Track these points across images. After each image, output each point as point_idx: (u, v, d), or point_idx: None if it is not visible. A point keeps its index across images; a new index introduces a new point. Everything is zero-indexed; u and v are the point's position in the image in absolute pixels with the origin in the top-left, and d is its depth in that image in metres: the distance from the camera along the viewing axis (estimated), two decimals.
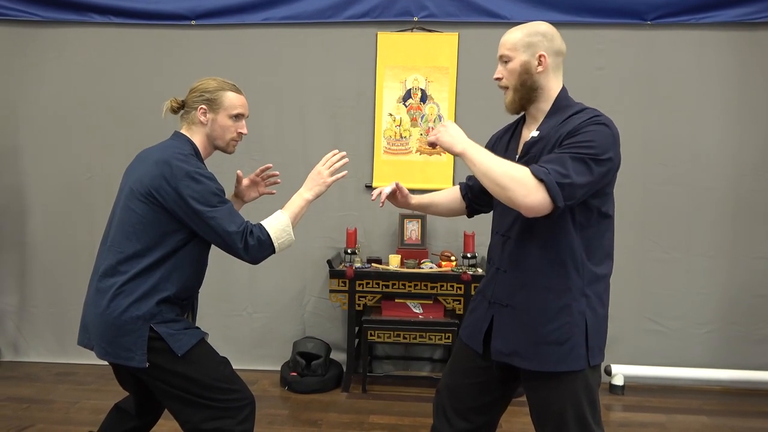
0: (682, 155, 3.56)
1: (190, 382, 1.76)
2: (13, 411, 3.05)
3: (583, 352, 1.58)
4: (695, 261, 3.58)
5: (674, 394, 3.47)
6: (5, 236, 3.80)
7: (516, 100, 1.66)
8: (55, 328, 3.82)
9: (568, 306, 1.58)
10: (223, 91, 1.87)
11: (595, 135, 1.51)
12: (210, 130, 1.88)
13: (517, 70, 1.63)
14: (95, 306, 1.75)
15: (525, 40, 1.62)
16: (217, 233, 1.73)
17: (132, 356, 1.71)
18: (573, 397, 1.59)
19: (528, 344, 1.60)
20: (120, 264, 1.74)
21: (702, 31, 3.48)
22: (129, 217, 1.75)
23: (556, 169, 1.47)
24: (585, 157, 1.48)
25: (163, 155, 1.76)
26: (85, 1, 3.63)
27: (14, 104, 3.75)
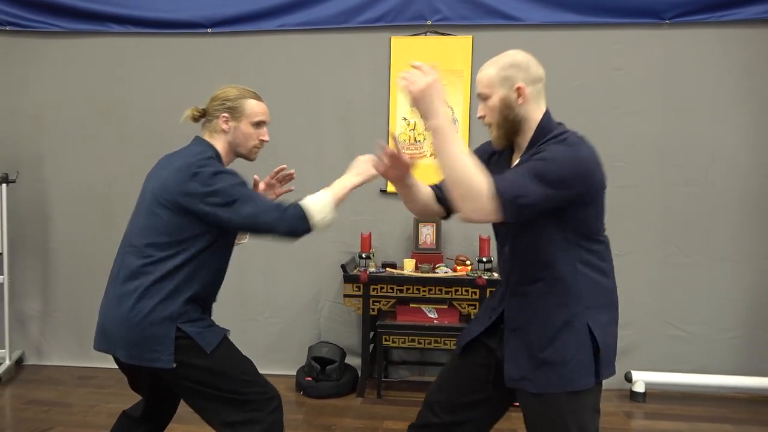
0: (703, 156, 3.48)
1: (218, 378, 1.76)
2: (34, 414, 3.10)
3: (592, 368, 1.54)
4: (718, 265, 3.49)
5: (697, 402, 3.38)
6: (29, 242, 3.89)
7: (502, 136, 1.63)
8: (77, 333, 3.89)
9: (570, 323, 1.55)
10: (244, 99, 1.89)
11: (554, 156, 1.48)
12: (232, 138, 1.88)
13: (498, 106, 1.59)
14: (117, 309, 1.74)
15: (500, 74, 1.58)
16: (252, 218, 1.72)
17: (158, 357, 1.71)
18: (575, 416, 1.56)
19: (533, 368, 1.57)
20: (144, 267, 1.74)
21: (721, 29, 3.40)
22: (153, 222, 1.76)
23: (511, 179, 1.45)
24: (536, 177, 1.45)
25: (186, 160, 1.77)
26: (104, 12, 3.71)
27: (37, 114, 3.84)
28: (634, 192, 3.52)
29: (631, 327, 3.54)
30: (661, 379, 3.43)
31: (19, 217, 3.84)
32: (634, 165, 3.51)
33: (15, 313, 3.88)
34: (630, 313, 3.53)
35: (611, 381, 3.47)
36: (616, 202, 3.52)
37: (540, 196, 1.45)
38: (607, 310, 1.61)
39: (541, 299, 1.58)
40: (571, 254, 1.57)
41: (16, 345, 3.88)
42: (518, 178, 1.46)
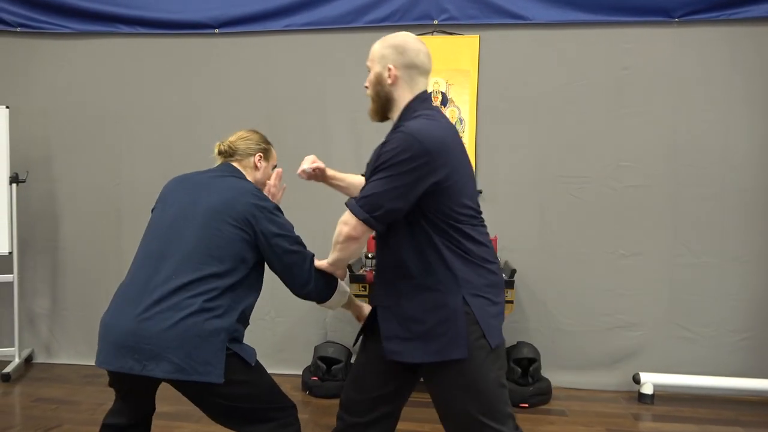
0: (713, 156, 3.44)
1: (255, 392, 1.80)
2: (42, 411, 3.13)
3: (464, 341, 1.61)
4: (728, 266, 3.45)
5: (706, 404, 3.34)
6: (39, 241, 3.93)
7: (374, 109, 1.78)
8: (85, 331, 3.91)
9: (445, 298, 1.63)
10: (271, 146, 2.11)
11: (391, 144, 1.59)
12: (261, 176, 2.04)
13: (373, 81, 1.74)
14: (162, 321, 1.65)
15: (380, 52, 1.72)
16: (294, 255, 1.85)
17: (211, 370, 1.66)
18: (464, 390, 1.62)
19: (414, 339, 1.65)
20: (201, 280, 1.71)
21: (732, 27, 3.36)
22: (213, 237, 1.76)
23: (362, 193, 1.61)
24: (382, 168, 1.58)
25: (248, 189, 1.88)
26: (113, 13, 3.74)
27: (47, 114, 3.88)
28: (642, 192, 3.49)
29: (640, 328, 3.52)
30: (670, 381, 3.39)
31: (28, 216, 3.88)
32: (642, 165, 3.48)
33: (24, 312, 3.92)
34: (639, 314, 3.52)
35: (619, 382, 3.51)
36: (624, 202, 3.51)
37: (385, 186, 1.59)
38: (479, 283, 1.66)
39: (417, 280, 1.66)
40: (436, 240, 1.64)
41: (25, 343, 3.91)
42: (367, 185, 1.63)
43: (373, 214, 1.59)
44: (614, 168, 3.50)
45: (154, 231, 1.84)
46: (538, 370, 3.37)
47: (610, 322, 3.53)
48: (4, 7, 3.82)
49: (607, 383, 3.53)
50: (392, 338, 1.69)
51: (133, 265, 1.81)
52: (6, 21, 3.83)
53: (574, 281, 3.55)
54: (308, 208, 3.60)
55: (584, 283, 3.55)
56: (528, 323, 3.59)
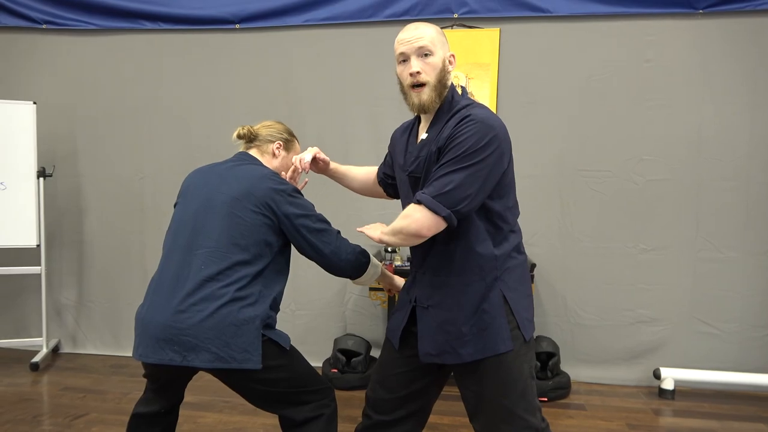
0: (738, 149, 3.39)
1: (293, 375, 1.83)
2: (70, 400, 3.21)
3: (508, 333, 1.61)
4: (752, 261, 3.41)
5: (728, 400, 3.31)
6: (65, 235, 4.01)
7: (434, 98, 1.63)
8: (111, 322, 4.00)
9: (485, 295, 1.62)
10: (295, 138, 2.13)
11: (466, 134, 1.51)
12: (279, 164, 2.06)
13: (439, 66, 1.61)
14: (199, 312, 1.69)
15: (439, 38, 1.62)
16: (321, 234, 1.86)
17: (249, 357, 1.71)
18: (502, 382, 1.62)
19: (453, 340, 1.63)
20: (230, 269, 1.74)
21: (758, 18, 3.30)
22: (237, 226, 1.78)
23: (433, 184, 1.52)
24: (461, 159, 1.50)
25: (265, 174, 1.89)
26: (136, 9, 3.79)
27: (73, 109, 3.95)
28: (665, 186, 3.45)
29: (661, 323, 3.49)
30: (691, 377, 3.37)
31: (55, 210, 3.96)
32: (665, 158, 3.44)
33: (52, 303, 4.02)
34: (660, 309, 3.49)
35: (639, 377, 3.50)
36: (646, 196, 3.48)
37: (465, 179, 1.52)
38: (514, 279, 1.66)
39: (454, 277, 1.64)
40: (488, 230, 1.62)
41: (52, 334, 4.01)
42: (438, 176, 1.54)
43: (456, 209, 1.50)
44: (636, 162, 3.46)
45: (179, 225, 1.86)
46: (558, 365, 3.37)
47: (631, 317, 3.51)
48: (30, 5, 3.89)
49: (627, 378, 3.52)
50: (433, 340, 1.67)
51: (163, 260, 1.84)
52: (32, 18, 3.91)
53: (594, 276, 3.53)
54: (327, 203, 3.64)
55: (604, 278, 3.53)
56: (547, 317, 3.59)
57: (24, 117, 3.63)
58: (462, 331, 1.63)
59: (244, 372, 1.74)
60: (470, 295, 1.63)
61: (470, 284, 1.63)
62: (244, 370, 1.73)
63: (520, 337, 1.65)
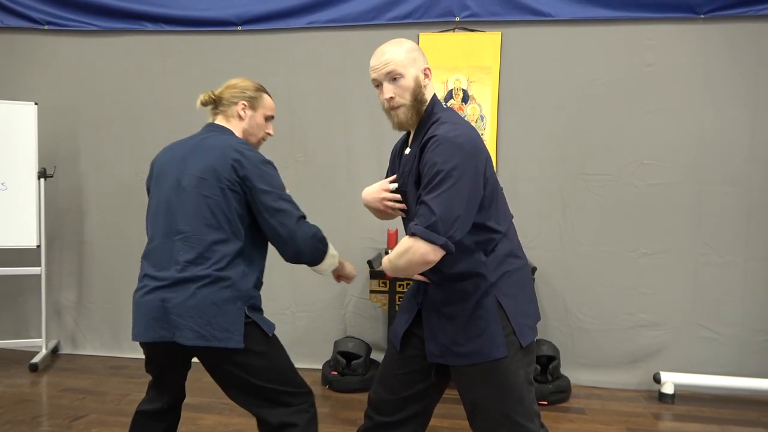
0: (739, 154, 3.40)
1: (271, 366, 1.81)
2: (69, 401, 3.21)
3: (502, 339, 1.63)
4: (753, 265, 3.41)
5: (728, 405, 3.31)
6: (65, 235, 4.01)
7: (413, 116, 1.66)
8: (110, 323, 4.00)
9: (479, 300, 1.64)
10: (262, 92, 2.01)
11: (434, 157, 1.51)
12: (248, 126, 1.97)
13: (412, 86, 1.64)
14: (182, 293, 1.73)
15: (409, 56, 1.64)
16: (279, 214, 1.79)
17: (230, 336, 1.73)
18: (499, 387, 1.64)
19: (453, 343, 1.66)
20: (208, 251, 1.75)
21: (759, 23, 3.31)
22: (208, 206, 1.77)
23: (422, 214, 1.50)
24: (438, 184, 1.49)
25: (230, 144, 1.82)
26: (139, 10, 3.80)
27: (75, 110, 3.95)
28: (666, 190, 3.46)
29: (662, 327, 3.49)
30: (691, 381, 3.37)
31: (56, 210, 3.96)
32: (666, 163, 3.45)
33: (51, 304, 4.01)
34: (661, 313, 3.49)
35: (639, 381, 3.50)
36: (647, 200, 3.48)
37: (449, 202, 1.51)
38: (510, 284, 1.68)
39: (452, 284, 1.66)
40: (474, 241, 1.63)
41: (52, 334, 4.01)
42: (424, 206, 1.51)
43: (450, 234, 1.50)
44: (637, 166, 3.47)
45: (155, 211, 1.86)
46: (558, 368, 3.37)
47: (631, 321, 3.51)
48: (31, 5, 3.90)
49: (627, 382, 3.52)
50: (436, 341, 1.70)
51: (148, 245, 1.86)
52: (34, 19, 3.91)
53: (594, 279, 3.54)
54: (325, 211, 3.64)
55: (605, 282, 3.53)
56: (548, 321, 3.59)
57: (25, 117, 3.63)
58: (458, 336, 1.66)
59: (225, 352, 1.74)
60: (466, 302, 1.66)
61: (465, 291, 1.66)
62: (225, 349, 1.73)
63: (515, 343, 1.65)
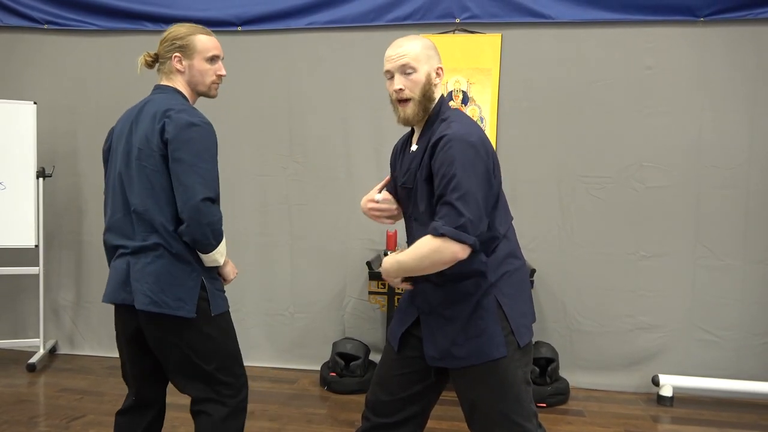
0: (738, 157, 3.40)
1: (217, 348, 1.81)
2: (67, 401, 3.20)
3: (502, 339, 1.63)
4: (752, 268, 3.41)
5: (727, 408, 3.31)
6: (64, 235, 4.00)
7: (419, 112, 1.67)
8: (108, 324, 3.97)
9: (479, 301, 1.64)
10: (194, 36, 1.85)
11: (450, 157, 1.52)
12: (189, 77, 1.86)
13: (422, 82, 1.65)
14: (142, 259, 1.74)
15: (425, 52, 1.66)
16: (183, 189, 1.70)
17: (182, 306, 1.74)
18: (498, 388, 1.64)
19: (452, 345, 1.66)
20: (158, 225, 1.74)
21: (759, 27, 3.31)
22: (147, 177, 1.74)
23: (446, 214, 1.50)
24: (459, 184, 1.50)
25: (161, 107, 1.75)
26: (138, 10, 3.79)
27: (73, 109, 3.95)
28: (665, 193, 3.46)
29: (660, 330, 3.49)
30: (690, 384, 3.36)
31: (54, 210, 3.95)
32: (665, 165, 3.45)
33: (49, 304, 4.00)
34: (658, 316, 3.49)
35: (638, 384, 3.49)
36: (646, 203, 3.48)
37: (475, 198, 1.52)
38: (509, 285, 1.68)
39: (453, 284, 1.65)
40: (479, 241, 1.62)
41: (49, 334, 4.00)
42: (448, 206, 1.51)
43: (478, 233, 1.51)
44: (636, 168, 3.47)
45: (113, 184, 1.84)
46: (556, 370, 3.36)
47: (630, 324, 3.51)
48: (31, 5, 3.89)
49: (625, 384, 3.51)
50: (434, 344, 1.70)
51: (110, 219, 1.84)
52: (33, 18, 3.90)
53: (594, 282, 3.53)
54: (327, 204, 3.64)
55: (604, 284, 3.53)
56: (546, 323, 3.59)
57: (24, 117, 3.63)
58: (457, 337, 1.66)
59: (174, 323, 1.74)
60: (465, 302, 1.66)
61: (465, 292, 1.66)
62: (175, 318, 1.73)
63: (514, 342, 1.66)
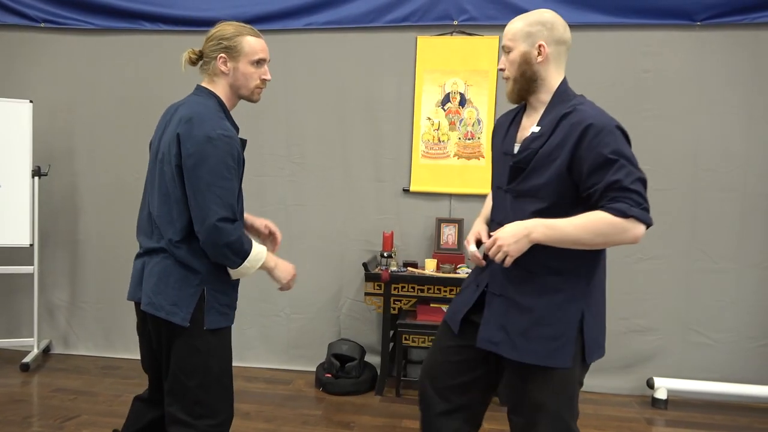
0: (735, 160, 3.41)
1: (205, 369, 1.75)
2: (61, 401, 3.18)
3: (573, 350, 1.60)
4: (747, 272, 3.42)
5: (720, 411, 3.32)
6: (59, 234, 3.98)
7: (516, 91, 1.68)
8: (103, 324, 3.97)
9: (567, 303, 1.60)
10: (241, 36, 1.77)
11: (612, 144, 1.56)
12: (233, 80, 1.79)
13: (518, 61, 1.64)
14: (152, 260, 1.75)
15: (525, 29, 1.63)
16: (197, 209, 1.66)
17: (176, 311, 1.70)
18: (555, 393, 1.61)
19: (519, 335, 1.61)
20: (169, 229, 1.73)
21: (756, 31, 3.33)
22: (165, 183, 1.72)
23: (632, 199, 1.51)
24: (630, 171, 1.53)
25: (187, 113, 1.71)
26: (136, 9, 3.79)
27: (70, 108, 3.93)
28: (661, 196, 3.45)
29: (655, 333, 3.50)
30: (684, 387, 3.37)
31: (50, 209, 3.93)
32: (661, 168, 3.45)
33: (44, 303, 3.98)
34: (654, 319, 3.50)
35: (633, 387, 3.50)
36: None
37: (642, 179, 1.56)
38: (596, 296, 1.67)
39: (550, 277, 1.61)
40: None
41: (44, 334, 3.97)
42: (629, 193, 1.52)
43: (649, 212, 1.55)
44: None
45: (146, 183, 1.86)
46: None
47: (626, 326, 3.52)
48: (28, 3, 3.88)
49: (620, 387, 3.52)
50: (497, 328, 1.65)
51: (140, 213, 1.87)
52: (30, 16, 3.89)
53: None
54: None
55: None
56: None
57: (20, 115, 3.61)
58: (530, 330, 1.60)
59: (168, 327, 1.72)
60: (551, 297, 1.60)
61: (556, 288, 1.60)
62: (169, 323, 1.71)
63: (580, 356, 1.62)
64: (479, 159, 3.59)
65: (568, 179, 1.57)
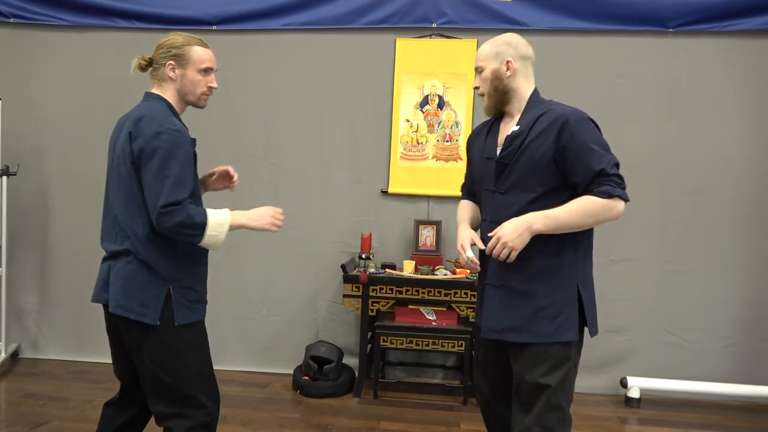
0: (704, 165, 3.50)
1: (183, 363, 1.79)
2: (30, 407, 3.10)
3: (575, 326, 1.75)
4: (716, 273, 3.51)
5: (692, 409, 3.39)
6: (28, 235, 3.88)
7: (492, 105, 1.88)
8: (73, 327, 3.88)
9: (565, 282, 1.76)
10: (190, 46, 1.86)
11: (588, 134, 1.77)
12: (180, 86, 1.88)
13: (489, 78, 1.85)
14: (117, 263, 1.79)
15: (493, 50, 1.85)
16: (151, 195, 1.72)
17: (146, 312, 1.75)
18: (549, 367, 1.73)
19: (524, 320, 1.76)
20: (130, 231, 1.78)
21: (726, 39, 3.42)
22: (122, 185, 1.78)
23: (614, 181, 1.72)
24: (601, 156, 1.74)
25: (137, 115, 1.78)
26: (110, 6, 3.71)
27: (39, 106, 3.83)
28: (633, 199, 3.45)
29: (628, 333, 3.56)
30: (657, 386, 3.44)
31: (19, 210, 3.83)
32: (633, 172, 3.47)
33: (12, 306, 3.87)
34: (626, 319, 3.56)
35: (606, 386, 3.55)
36: None
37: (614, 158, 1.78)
38: (588, 272, 1.84)
39: (549, 259, 1.76)
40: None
41: (12, 338, 3.87)
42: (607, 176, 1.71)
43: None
44: None
45: (106, 188, 1.90)
46: None
47: (599, 326, 3.56)
48: None
49: (594, 386, 3.57)
50: (500, 317, 1.79)
51: (102, 221, 1.91)
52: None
53: None
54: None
55: None
56: None
57: None
58: (535, 313, 1.74)
59: (140, 327, 1.76)
60: (547, 280, 1.75)
61: (555, 269, 1.75)
62: (140, 324, 1.75)
63: (581, 331, 1.78)
64: (457, 161, 3.61)
65: (554, 168, 1.74)
